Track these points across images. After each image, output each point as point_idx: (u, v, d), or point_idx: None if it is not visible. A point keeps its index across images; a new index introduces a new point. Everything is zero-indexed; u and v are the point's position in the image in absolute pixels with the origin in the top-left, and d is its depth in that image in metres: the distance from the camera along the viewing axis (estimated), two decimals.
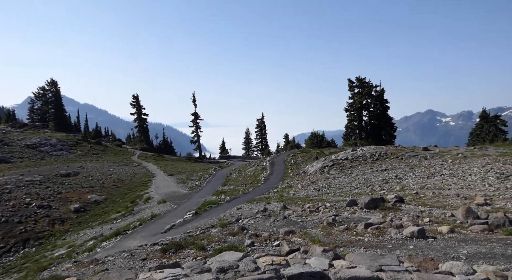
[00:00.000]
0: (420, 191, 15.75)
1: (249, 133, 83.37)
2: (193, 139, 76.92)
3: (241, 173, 37.26)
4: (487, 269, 4.31)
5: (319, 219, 10.92)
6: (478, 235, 7.48)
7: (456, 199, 13.03)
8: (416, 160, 25.38)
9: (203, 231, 11.68)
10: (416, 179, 19.72)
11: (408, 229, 7.81)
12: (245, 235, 9.76)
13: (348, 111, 55.32)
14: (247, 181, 31.28)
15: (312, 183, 24.18)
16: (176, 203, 23.21)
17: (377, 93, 53.80)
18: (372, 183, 20.34)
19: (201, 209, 18.45)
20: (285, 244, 7.21)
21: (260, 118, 79.28)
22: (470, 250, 6.36)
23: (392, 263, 4.43)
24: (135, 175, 39.62)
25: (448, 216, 9.61)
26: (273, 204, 16.34)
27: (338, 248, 7.25)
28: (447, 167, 21.45)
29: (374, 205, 11.75)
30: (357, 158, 29.06)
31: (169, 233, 13.78)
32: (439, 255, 6.19)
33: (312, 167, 30.15)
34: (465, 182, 16.86)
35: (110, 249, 13.01)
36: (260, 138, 79.83)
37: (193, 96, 75.62)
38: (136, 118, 77.09)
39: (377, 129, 53.61)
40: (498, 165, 19.81)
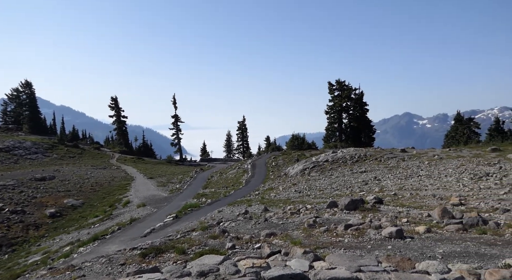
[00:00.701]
0: (398, 192, 16.08)
1: (230, 136, 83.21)
2: (173, 142, 76.14)
3: (222, 175, 37.10)
4: (461, 268, 4.44)
5: (300, 221, 10.97)
6: (453, 234, 7.69)
7: (433, 200, 13.37)
8: (394, 162, 25.92)
9: (183, 234, 11.54)
10: (395, 180, 20.13)
11: (386, 229, 7.94)
12: (226, 238, 9.70)
13: (328, 113, 56.00)
14: (228, 183, 31.17)
15: (293, 185, 24.31)
16: (156, 206, 22.88)
17: (357, 96, 54.71)
18: (352, 185, 20.63)
19: (182, 213, 18.25)
20: (266, 247, 7.20)
21: (242, 121, 79.27)
22: (445, 249, 6.52)
23: (371, 264, 4.50)
24: (114, 178, 38.85)
25: (425, 216, 9.84)
26: (254, 207, 16.33)
27: (318, 249, 7.30)
28: (424, 169, 22.00)
29: (354, 206, 11.91)
30: (337, 160, 29.43)
31: (149, 237, 13.55)
32: (416, 255, 6.32)
33: (293, 169, 30.34)
34: (441, 183, 17.34)
35: (87, 254, 12.69)
36: (242, 140, 79.78)
37: (173, 98, 74.93)
38: (115, 120, 75.69)
39: (356, 132, 54.47)
40: (472, 166, 20.46)
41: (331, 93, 55.73)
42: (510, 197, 12.36)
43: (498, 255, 5.88)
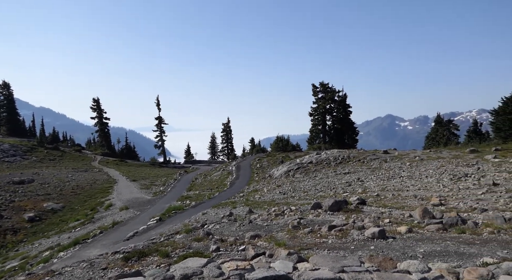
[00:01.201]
0: (381, 193, 16.32)
1: (214, 138, 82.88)
2: (157, 144, 75.30)
3: (207, 177, 36.91)
4: (441, 267, 4.54)
5: (285, 222, 11.01)
6: (433, 234, 7.85)
7: (414, 200, 13.62)
8: (377, 163, 26.31)
9: (167, 237, 11.42)
10: (377, 181, 20.43)
11: (369, 230, 8.05)
12: (210, 240, 9.65)
13: (312, 115, 56.44)
14: (212, 185, 31.03)
15: (277, 187, 24.38)
16: (140, 209, 22.57)
17: (340, 98, 55.33)
18: (336, 186, 20.83)
19: (166, 215, 18.06)
20: (250, 248, 7.20)
21: (226, 122, 79.09)
22: (426, 248, 6.65)
23: (354, 264, 4.55)
24: (96, 181, 38.15)
25: (406, 216, 10.02)
26: (239, 209, 16.30)
27: (302, 250, 7.34)
28: (405, 170, 22.40)
29: (337, 207, 12.03)
30: (321, 162, 29.67)
31: (132, 241, 13.36)
32: (398, 255, 6.43)
33: (278, 171, 30.44)
34: (422, 183, 17.69)
35: (67, 259, 12.41)
36: (226, 142, 79.55)
37: (157, 100, 74.14)
38: (97, 122, 74.38)
39: (340, 133, 55.06)
40: (452, 167, 20.96)
41: (315, 95, 56.22)
42: (488, 197, 12.71)
43: (476, 254, 6.04)
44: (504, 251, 6.09)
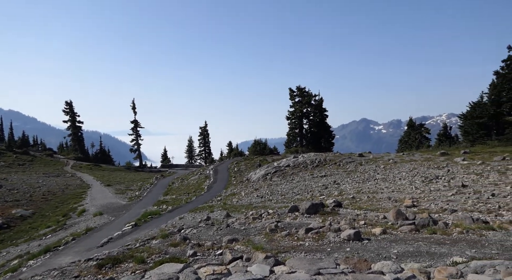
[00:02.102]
0: (356, 195, 16.64)
1: (192, 141, 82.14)
2: (133, 148, 73.89)
3: (184, 182, 36.50)
4: (413, 267, 4.67)
5: (262, 226, 11.02)
6: (406, 235, 8.06)
7: (388, 202, 13.96)
8: (353, 166, 26.81)
9: (143, 243, 11.20)
10: (353, 184, 20.81)
11: (345, 232, 8.18)
12: (187, 245, 9.54)
13: (289, 119, 56.95)
14: (190, 190, 30.70)
15: (255, 190, 24.40)
16: (114, 215, 22.04)
17: (317, 102, 56.13)
18: (313, 189, 21.06)
19: (141, 220, 17.71)
20: (228, 253, 7.16)
21: (203, 126, 78.60)
22: (399, 249, 6.82)
23: (330, 266, 4.62)
24: (68, 186, 37.00)
25: (381, 218, 10.25)
26: (216, 213, 16.20)
27: (280, 254, 7.37)
28: (380, 172, 22.93)
29: (314, 210, 12.16)
30: (299, 165, 29.94)
31: (106, 247, 13.01)
32: (372, 256, 6.56)
33: (255, 174, 30.48)
34: (396, 186, 18.16)
35: (38, 267, 11.94)
36: (203, 146, 79.00)
37: (132, 103, 72.87)
38: (70, 126, 72.31)
39: (317, 137, 55.78)
40: (423, 169, 21.63)
41: (292, 99, 56.79)
42: (457, 198, 13.18)
43: (447, 254, 6.24)
44: (473, 250, 6.32)
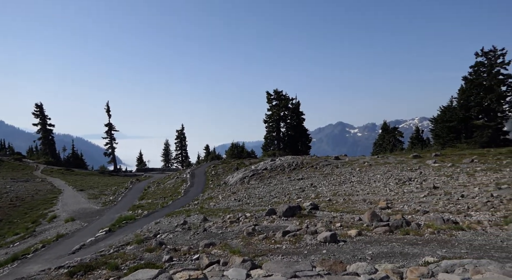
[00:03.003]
0: (333, 197, 16.86)
1: (168, 145, 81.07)
2: (107, 151, 72.18)
3: (160, 185, 35.95)
4: (386, 267, 4.77)
5: (240, 229, 10.99)
6: (381, 236, 8.23)
7: (363, 204, 14.23)
8: (329, 169, 27.18)
9: (117, 249, 10.93)
10: (329, 186, 21.09)
11: (321, 234, 8.26)
12: (163, 250, 9.38)
13: (267, 122, 57.19)
14: (166, 194, 30.26)
15: (232, 194, 24.32)
16: (87, 220, 21.41)
17: (294, 106, 56.64)
18: (290, 192, 21.20)
19: (116, 226, 17.29)
20: (204, 257, 7.09)
21: (180, 129, 77.78)
22: (374, 250, 6.95)
23: (306, 268, 4.65)
24: (38, 192, 35.67)
25: (356, 220, 10.43)
26: (193, 217, 16.03)
27: (257, 257, 7.36)
28: (355, 175, 23.35)
29: (291, 213, 12.23)
30: (276, 168, 30.08)
31: (78, 254, 12.61)
32: (348, 257, 6.65)
33: (233, 177, 30.39)
34: (371, 188, 18.54)
35: (4, 277, 11.43)
36: (180, 149, 78.12)
37: (107, 105, 71.25)
38: (40, 129, 69.88)
39: (294, 140, 56.25)
40: (397, 172, 22.19)
41: (269, 103, 57.09)
42: (429, 199, 13.60)
43: (419, 254, 6.41)
44: (443, 250, 6.53)
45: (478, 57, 41.87)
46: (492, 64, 40.83)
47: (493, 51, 41.05)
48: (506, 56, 40.67)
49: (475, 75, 41.53)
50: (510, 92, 41.32)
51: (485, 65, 41.30)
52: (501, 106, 40.87)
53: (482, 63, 41.57)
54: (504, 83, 41.03)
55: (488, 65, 41.07)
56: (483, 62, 41.50)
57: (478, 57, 41.91)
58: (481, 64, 41.57)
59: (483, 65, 41.45)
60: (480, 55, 41.75)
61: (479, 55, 41.81)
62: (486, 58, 41.48)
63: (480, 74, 41.26)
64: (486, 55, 41.44)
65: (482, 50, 41.66)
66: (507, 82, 41.06)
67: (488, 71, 40.94)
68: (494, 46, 40.95)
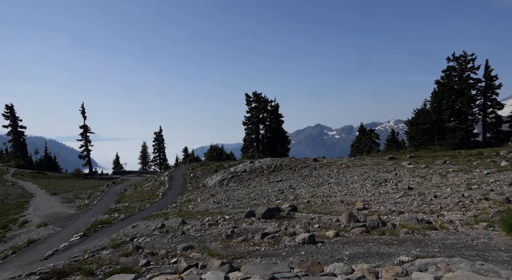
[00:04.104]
0: (311, 199, 17.03)
1: (146, 147, 79.82)
2: (82, 154, 70.36)
3: (137, 188, 35.33)
4: (363, 267, 4.86)
5: (218, 232, 10.93)
6: (358, 237, 8.37)
7: (341, 205, 14.43)
8: (308, 171, 27.45)
9: (92, 254, 10.66)
10: (308, 188, 21.29)
11: (300, 236, 8.33)
12: (140, 254, 9.21)
13: (246, 124, 57.27)
14: (143, 197, 29.76)
15: (211, 196, 24.18)
16: (61, 225, 20.79)
17: (273, 108, 56.98)
18: (269, 194, 21.27)
19: (91, 230, 16.87)
20: (182, 261, 7.01)
21: (158, 131, 76.80)
22: (351, 251, 7.06)
23: (284, 270, 4.68)
24: (8, 196, 34.37)
25: (334, 221, 10.57)
26: (171, 220, 15.84)
27: (236, 260, 7.34)
28: (333, 176, 23.68)
29: (270, 215, 12.28)
30: (255, 170, 30.12)
31: (51, 260, 12.21)
32: (326, 258, 6.73)
33: (212, 180, 30.22)
34: (348, 189, 18.84)
35: None
36: (158, 152, 77.08)
37: (82, 107, 69.52)
38: (11, 131, 67.40)
39: (273, 142, 56.55)
40: (374, 173, 22.64)
41: (248, 105, 57.22)
42: (404, 200, 13.94)
43: (394, 253, 6.56)
44: (417, 249, 6.70)
45: (450, 61, 43.45)
46: (462, 68, 42.46)
47: (464, 56, 42.70)
48: (475, 61, 42.41)
49: (447, 79, 43.06)
50: (480, 96, 43.09)
51: (456, 70, 42.90)
52: (471, 109, 42.52)
53: (453, 68, 43.16)
54: (474, 87, 42.74)
55: (459, 69, 42.68)
56: (455, 67, 43.09)
57: (449, 62, 43.48)
58: (453, 69, 43.16)
59: (455, 69, 43.06)
60: (451, 60, 43.35)
61: (450, 60, 43.39)
62: (457, 63, 43.10)
63: (452, 78, 42.83)
64: (457, 60, 43.06)
65: (453, 55, 43.24)
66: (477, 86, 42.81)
67: (459, 76, 42.54)
68: (464, 51, 42.62)
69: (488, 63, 42.65)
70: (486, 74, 42.52)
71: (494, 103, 42.77)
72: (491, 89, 42.32)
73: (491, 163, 21.43)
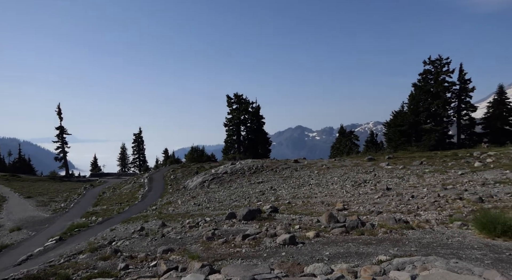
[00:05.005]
0: (292, 200, 17.13)
1: (125, 149, 78.42)
2: (58, 156, 68.42)
3: (116, 191, 34.66)
4: (342, 267, 4.93)
5: (199, 234, 10.85)
6: (338, 237, 8.48)
7: (321, 206, 14.58)
8: (289, 172, 27.61)
9: (68, 258, 10.37)
10: (289, 189, 21.41)
11: (281, 237, 8.36)
12: (118, 258, 9.03)
13: (227, 126, 57.14)
14: (122, 199, 29.22)
15: (192, 198, 23.98)
16: (35, 229, 20.16)
17: (254, 110, 57.08)
18: (250, 195, 21.27)
19: (67, 234, 16.43)
20: (162, 264, 6.92)
21: (138, 133, 75.59)
22: (331, 251, 7.14)
23: (264, 272, 4.69)
24: None
25: (314, 222, 10.67)
26: (151, 222, 15.61)
27: (216, 262, 7.30)
28: (314, 178, 23.90)
29: (251, 216, 12.28)
30: (236, 172, 30.06)
31: (25, 265, 11.81)
32: (306, 259, 6.78)
33: (193, 182, 29.97)
34: (328, 190, 19.06)
35: None
36: (138, 153, 75.86)
37: (58, 108, 67.60)
38: None
39: (254, 143, 56.63)
40: (353, 174, 23.00)
41: (229, 106, 57.13)
42: (382, 200, 14.21)
43: (373, 253, 6.68)
44: (395, 248, 6.84)
45: (426, 65, 44.69)
46: (438, 72, 43.75)
47: (439, 60, 44.00)
48: (450, 64, 43.79)
49: (424, 82, 44.27)
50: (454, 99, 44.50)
51: (432, 73, 44.17)
52: (446, 111, 43.88)
53: (429, 71, 44.41)
54: (449, 90, 44.11)
55: (435, 73, 43.95)
56: (431, 70, 44.35)
57: (426, 65, 44.73)
58: (429, 72, 44.42)
59: (431, 72, 44.32)
60: (427, 63, 44.60)
61: (427, 63, 44.64)
62: (433, 66, 44.38)
63: (428, 81, 44.06)
64: (433, 64, 44.34)
65: (429, 58, 44.49)
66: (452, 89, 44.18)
67: (435, 79, 43.80)
68: (440, 55, 43.94)
69: (462, 67, 44.15)
70: (460, 78, 43.98)
71: (468, 105, 44.28)
72: (465, 92, 43.78)
73: (465, 163, 22.14)
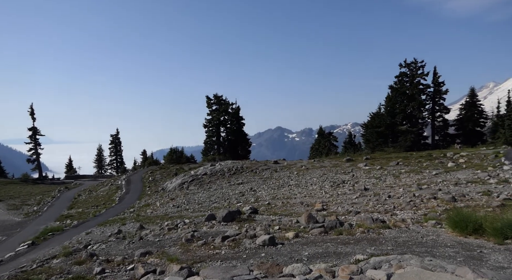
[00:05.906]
0: (272, 201, 17.19)
1: (101, 150, 76.52)
2: (30, 158, 66.10)
3: (92, 193, 33.85)
4: (320, 267, 4.97)
5: (178, 236, 10.73)
6: (317, 237, 8.56)
7: (301, 207, 14.70)
8: (268, 173, 27.69)
9: (41, 263, 10.03)
10: (268, 190, 21.47)
11: (260, 238, 8.36)
12: (94, 262, 8.80)
13: (206, 127, 56.77)
14: (99, 202, 28.57)
15: (171, 200, 23.69)
16: (6, 234, 19.42)
17: (234, 111, 56.95)
18: (230, 197, 21.20)
19: (40, 238, 15.89)
20: (140, 267, 6.79)
21: (115, 134, 74.02)
22: (310, 251, 7.20)
23: (243, 273, 4.67)
24: None
25: (294, 222, 10.73)
26: (129, 225, 15.33)
27: (195, 264, 7.22)
28: (293, 178, 24.07)
29: (231, 217, 12.24)
30: (216, 173, 29.91)
31: None
32: (286, 259, 6.80)
33: (172, 183, 29.63)
34: (308, 191, 19.23)
35: None
36: (115, 155, 74.26)
37: (30, 108, 65.31)
38: None
39: (234, 145, 56.50)
40: (332, 175, 23.30)
41: (209, 107, 56.80)
42: (360, 200, 14.46)
43: (351, 252, 6.77)
44: (372, 248, 6.97)
45: (402, 67, 45.82)
46: (413, 74, 44.94)
47: (414, 62, 45.21)
48: (425, 67, 45.09)
49: (400, 84, 45.36)
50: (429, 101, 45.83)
51: (408, 76, 45.33)
52: (421, 113, 45.15)
53: (405, 74, 45.55)
54: (424, 92, 45.38)
55: (410, 75, 45.13)
56: (406, 73, 45.50)
57: (402, 68, 45.85)
58: (404, 75, 45.55)
59: (406, 75, 45.46)
60: (403, 66, 45.74)
61: (402, 66, 45.76)
62: (408, 69, 45.55)
63: (404, 84, 45.18)
64: (408, 66, 45.52)
65: (405, 61, 45.63)
66: (426, 91, 45.48)
67: (410, 81, 44.97)
68: (415, 58, 45.14)
69: (436, 70, 45.57)
70: (434, 80, 45.38)
71: (441, 107, 45.76)
72: (439, 94, 45.20)
73: (439, 164, 22.82)
